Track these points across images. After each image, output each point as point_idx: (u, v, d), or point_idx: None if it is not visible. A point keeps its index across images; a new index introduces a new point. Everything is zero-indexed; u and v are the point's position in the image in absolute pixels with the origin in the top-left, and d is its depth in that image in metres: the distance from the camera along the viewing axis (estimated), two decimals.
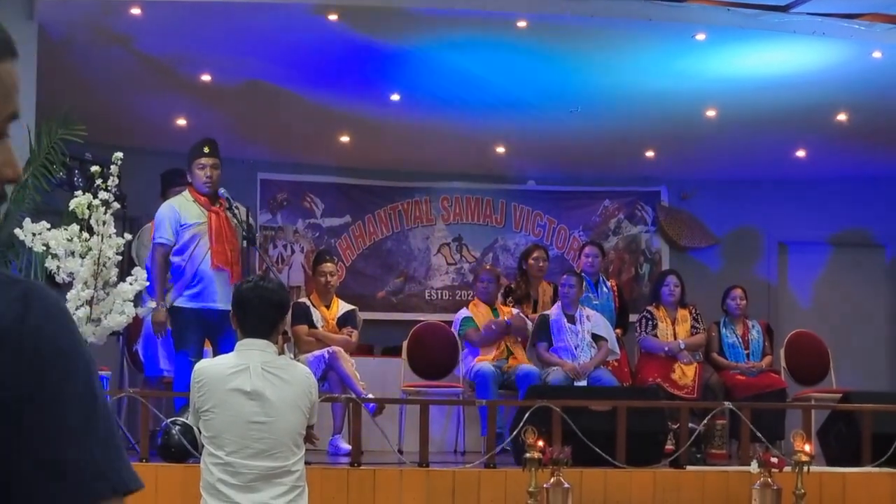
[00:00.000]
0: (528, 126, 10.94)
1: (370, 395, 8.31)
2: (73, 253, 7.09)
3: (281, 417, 4.44)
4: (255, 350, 4.51)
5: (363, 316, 9.81)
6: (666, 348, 9.61)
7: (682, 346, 9.62)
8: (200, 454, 4.60)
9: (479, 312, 9.70)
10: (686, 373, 9.49)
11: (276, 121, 10.90)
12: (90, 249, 7.06)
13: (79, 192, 7.20)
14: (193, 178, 7.84)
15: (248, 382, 4.42)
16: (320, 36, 8.94)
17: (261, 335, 4.53)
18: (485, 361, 9.36)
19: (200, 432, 4.55)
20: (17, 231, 7.22)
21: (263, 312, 4.54)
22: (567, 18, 8.77)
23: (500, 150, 11.77)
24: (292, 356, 8.07)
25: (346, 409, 8.35)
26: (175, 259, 7.75)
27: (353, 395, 7.97)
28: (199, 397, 4.49)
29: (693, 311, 9.91)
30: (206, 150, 7.82)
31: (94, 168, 7.20)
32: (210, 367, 4.57)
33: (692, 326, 9.80)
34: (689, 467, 7.73)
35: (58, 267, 7.11)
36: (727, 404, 8.15)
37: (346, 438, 8.39)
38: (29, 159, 8.45)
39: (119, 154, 7.21)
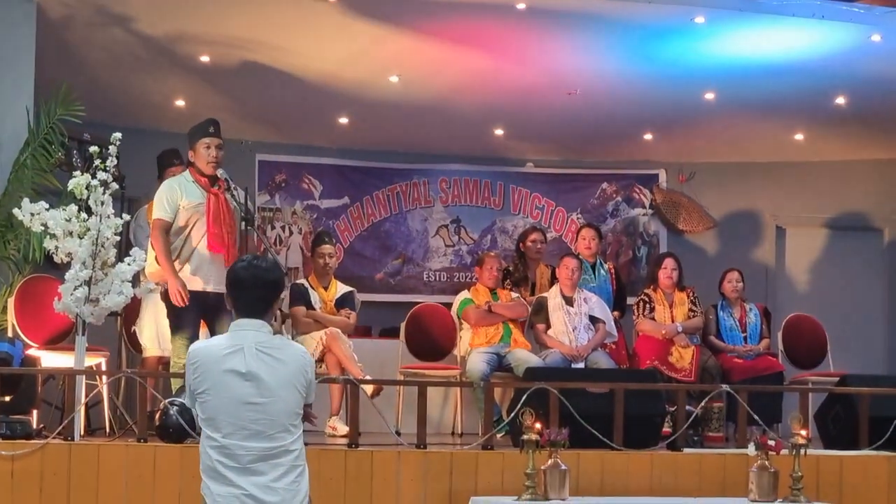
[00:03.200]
0: (527, 108, 10.92)
1: (368, 377, 8.31)
2: (71, 233, 7.09)
3: (276, 398, 4.38)
4: (249, 330, 4.44)
5: (361, 297, 9.81)
6: (663, 331, 9.63)
7: (680, 329, 9.63)
8: (199, 435, 4.56)
9: (479, 297, 9.66)
10: (683, 355, 9.50)
11: (274, 102, 10.88)
12: (88, 230, 7.07)
13: (77, 173, 7.19)
14: (197, 157, 7.79)
15: (242, 363, 4.36)
16: (319, 17, 8.93)
17: (255, 315, 4.46)
18: (478, 352, 9.33)
19: (197, 414, 4.51)
20: (15, 211, 7.22)
21: (258, 292, 4.47)
22: (566, 1, 8.75)
23: (499, 132, 11.75)
24: (289, 337, 8.08)
25: (344, 391, 8.35)
26: (172, 239, 7.72)
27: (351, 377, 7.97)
28: (195, 379, 4.41)
29: (691, 293, 9.91)
30: (211, 129, 7.79)
31: (93, 148, 7.20)
32: (204, 349, 4.49)
33: (690, 309, 9.79)
34: (686, 450, 7.74)
35: (56, 247, 7.12)
36: (724, 387, 8.14)
37: (344, 420, 8.39)
38: (27, 139, 8.45)
39: (118, 134, 7.21)
